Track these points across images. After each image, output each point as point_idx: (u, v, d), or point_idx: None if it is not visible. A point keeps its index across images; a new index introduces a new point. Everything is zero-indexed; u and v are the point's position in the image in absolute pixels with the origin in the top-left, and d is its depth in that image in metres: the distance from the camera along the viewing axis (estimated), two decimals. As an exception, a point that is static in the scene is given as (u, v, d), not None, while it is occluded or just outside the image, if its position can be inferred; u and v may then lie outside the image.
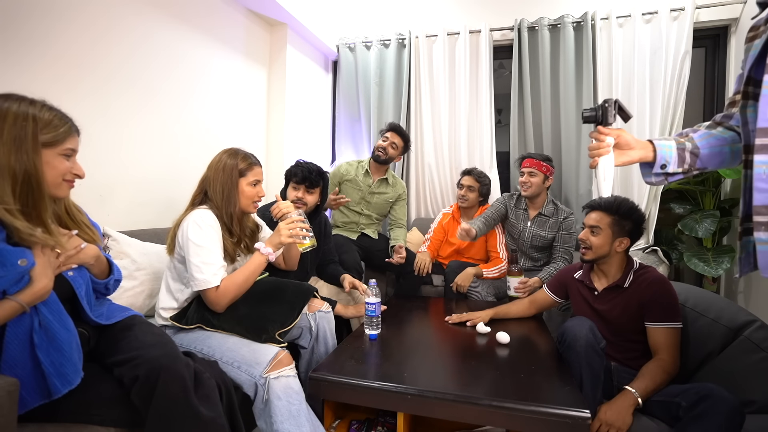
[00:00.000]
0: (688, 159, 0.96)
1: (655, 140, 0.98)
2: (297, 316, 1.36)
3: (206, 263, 1.24)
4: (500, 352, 1.36)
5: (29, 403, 0.82)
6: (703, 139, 0.97)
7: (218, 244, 1.30)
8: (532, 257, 2.31)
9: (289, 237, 1.34)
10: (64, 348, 0.85)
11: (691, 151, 0.96)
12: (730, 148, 0.94)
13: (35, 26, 1.39)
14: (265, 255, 1.33)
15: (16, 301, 0.79)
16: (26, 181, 0.84)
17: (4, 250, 0.79)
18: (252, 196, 1.38)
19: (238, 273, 1.30)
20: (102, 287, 1.08)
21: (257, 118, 2.70)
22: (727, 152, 0.95)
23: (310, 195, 1.80)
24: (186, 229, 1.26)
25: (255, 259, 1.33)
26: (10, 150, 0.82)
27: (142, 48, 1.80)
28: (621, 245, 1.44)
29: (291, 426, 1.11)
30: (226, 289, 1.26)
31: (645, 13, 2.62)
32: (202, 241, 1.25)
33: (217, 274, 1.25)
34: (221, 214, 1.34)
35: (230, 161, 1.36)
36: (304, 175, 1.76)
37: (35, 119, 0.86)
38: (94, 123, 1.59)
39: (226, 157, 1.37)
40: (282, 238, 1.34)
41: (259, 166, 1.42)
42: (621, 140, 0.97)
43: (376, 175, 2.53)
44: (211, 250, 1.26)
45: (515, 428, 1.03)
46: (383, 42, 3.14)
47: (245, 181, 1.37)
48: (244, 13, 2.50)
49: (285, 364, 1.20)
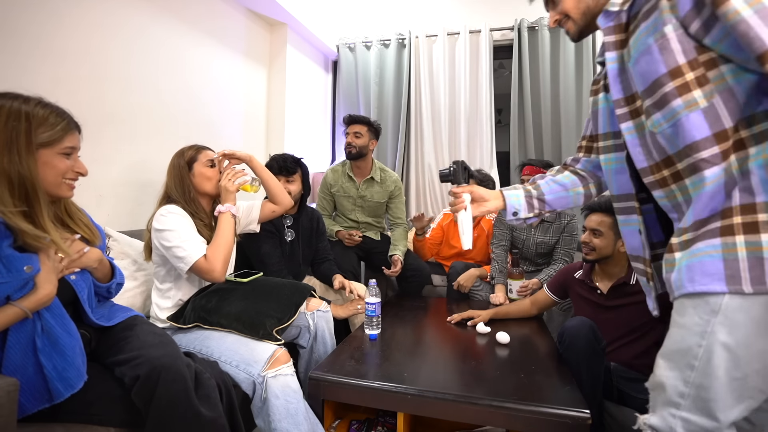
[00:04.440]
0: (536, 205, 1.09)
1: (505, 191, 1.10)
2: (294, 313, 1.37)
3: (184, 240, 1.27)
4: (500, 352, 1.36)
5: (30, 408, 0.82)
6: (548, 185, 1.09)
7: (189, 225, 1.33)
8: (536, 263, 2.31)
9: (232, 183, 1.41)
10: (66, 352, 0.85)
11: (537, 197, 1.08)
12: (573, 192, 1.08)
13: (33, 25, 1.39)
14: (226, 211, 1.38)
15: (19, 307, 0.79)
16: (21, 184, 0.81)
17: (12, 257, 0.79)
18: (210, 176, 1.43)
19: (215, 239, 1.33)
20: (104, 291, 1.08)
21: (257, 118, 2.70)
22: (571, 196, 1.08)
23: (291, 184, 1.82)
24: (155, 223, 1.30)
25: (222, 219, 1.37)
26: (3, 152, 0.79)
27: (142, 48, 1.80)
28: (624, 245, 1.44)
29: (289, 425, 1.11)
30: (214, 254, 1.29)
31: (645, 13, 2.62)
32: (171, 225, 1.28)
33: (199, 246, 1.28)
34: (185, 206, 1.38)
35: (177, 159, 1.44)
36: (279, 165, 1.80)
37: (29, 117, 0.82)
38: (93, 123, 1.59)
39: (174, 158, 1.45)
40: (228, 186, 1.41)
41: (208, 150, 1.48)
42: (475, 195, 1.09)
43: (359, 177, 2.39)
44: (184, 229, 1.30)
45: (515, 428, 1.03)
46: (383, 42, 3.14)
47: (199, 165, 1.42)
48: (244, 13, 2.50)
49: (283, 362, 1.20)
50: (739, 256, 0.64)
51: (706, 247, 0.67)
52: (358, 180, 2.40)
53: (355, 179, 2.40)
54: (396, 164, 3.09)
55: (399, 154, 3.08)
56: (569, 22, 0.94)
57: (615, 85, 0.83)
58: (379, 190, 2.41)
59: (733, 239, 0.65)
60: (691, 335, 0.68)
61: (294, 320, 1.38)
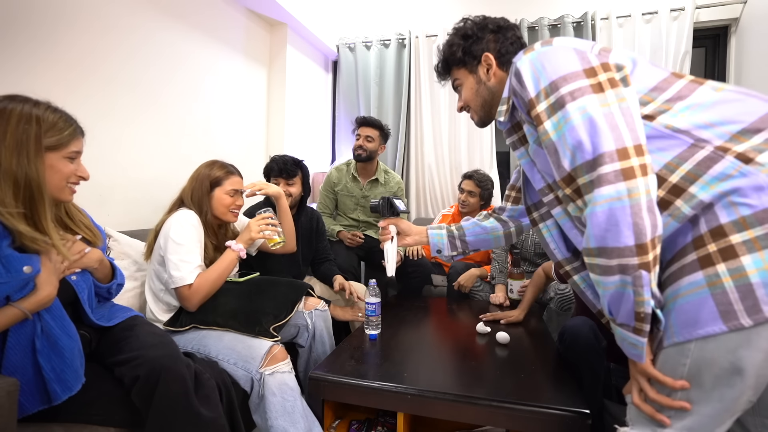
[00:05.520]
0: (459, 245, 1.19)
1: (430, 229, 1.20)
2: (292, 310, 1.37)
3: (184, 261, 1.25)
4: (500, 352, 1.36)
5: (29, 408, 0.82)
6: (471, 228, 1.20)
7: (198, 244, 1.32)
8: (535, 263, 2.31)
9: (258, 233, 1.39)
10: (65, 354, 0.85)
11: (459, 238, 1.19)
12: (493, 236, 1.19)
13: (37, 28, 1.39)
14: (236, 251, 1.36)
15: (19, 308, 0.79)
16: (27, 186, 0.82)
17: (11, 257, 0.79)
18: (228, 204, 1.41)
19: (210, 270, 1.31)
20: (104, 291, 1.08)
21: (257, 118, 2.70)
22: (491, 239, 1.19)
23: (291, 186, 1.80)
24: (168, 229, 1.28)
25: (226, 256, 1.35)
26: (12, 153, 0.80)
27: (142, 48, 1.80)
28: None
29: (285, 422, 1.12)
30: (200, 286, 1.27)
31: (645, 13, 2.62)
32: (182, 239, 1.27)
33: (193, 272, 1.27)
34: (204, 220, 1.37)
35: (205, 171, 1.41)
36: (279, 167, 1.78)
37: (39, 121, 0.83)
38: (94, 123, 1.57)
39: (203, 167, 1.42)
40: (252, 233, 1.38)
41: (238, 176, 1.45)
42: (400, 228, 1.18)
43: (364, 178, 2.42)
44: (190, 249, 1.28)
45: (515, 428, 1.03)
46: (383, 42, 3.14)
47: (221, 190, 1.39)
48: (245, 13, 2.50)
49: (280, 359, 1.21)
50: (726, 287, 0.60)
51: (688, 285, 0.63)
52: (363, 181, 2.42)
53: (360, 180, 2.41)
54: (396, 164, 3.09)
55: (399, 154, 3.08)
56: (472, 111, 1.01)
57: (533, 176, 0.86)
58: (383, 191, 2.43)
59: (715, 269, 0.61)
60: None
61: (291, 318, 1.38)
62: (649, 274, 0.62)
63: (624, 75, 0.69)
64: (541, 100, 0.72)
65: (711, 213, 0.62)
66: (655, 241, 0.62)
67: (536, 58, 0.74)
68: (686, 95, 0.69)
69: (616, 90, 0.67)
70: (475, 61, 0.95)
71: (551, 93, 0.70)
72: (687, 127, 0.66)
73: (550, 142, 0.71)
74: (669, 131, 0.67)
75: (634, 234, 0.61)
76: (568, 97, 0.67)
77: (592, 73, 0.68)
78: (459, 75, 1.00)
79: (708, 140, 0.64)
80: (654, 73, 0.73)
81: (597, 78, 0.68)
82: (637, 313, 0.65)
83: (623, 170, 0.62)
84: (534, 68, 0.74)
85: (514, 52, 0.93)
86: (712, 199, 0.62)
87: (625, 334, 0.68)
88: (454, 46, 0.98)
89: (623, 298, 0.65)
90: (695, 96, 0.69)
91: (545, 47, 0.76)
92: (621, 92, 0.67)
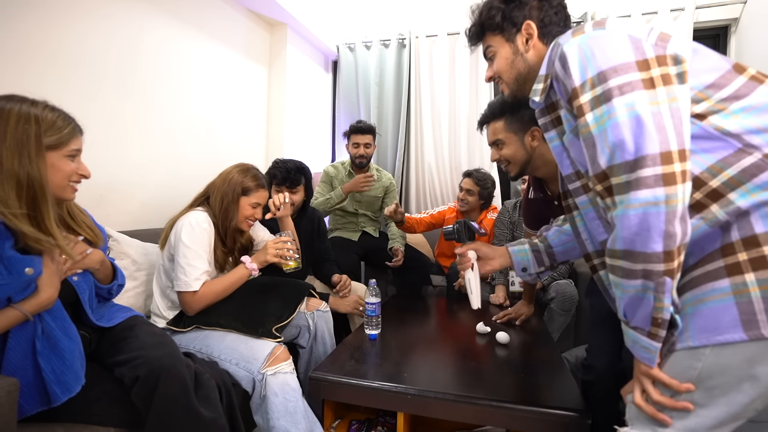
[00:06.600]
0: (546, 259, 1.07)
1: (510, 247, 1.10)
2: (294, 311, 1.38)
3: (191, 266, 1.26)
4: (500, 352, 1.36)
5: (28, 410, 0.82)
6: (555, 237, 1.07)
7: (207, 249, 1.32)
8: None
9: (275, 256, 1.38)
10: (65, 356, 0.85)
11: (545, 251, 1.07)
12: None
13: (33, 26, 1.39)
14: (249, 270, 1.36)
15: (20, 310, 0.79)
16: (30, 186, 0.81)
17: (13, 258, 0.79)
18: (249, 216, 1.41)
19: (218, 281, 1.31)
20: (105, 292, 1.08)
21: (257, 118, 2.70)
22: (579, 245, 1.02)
23: (295, 194, 1.77)
24: (180, 229, 1.28)
25: (238, 271, 1.35)
26: (14, 154, 0.79)
27: (142, 48, 1.80)
28: (534, 140, 1.37)
29: (287, 423, 1.11)
30: (204, 295, 1.27)
31: (645, 13, 2.62)
32: (192, 243, 1.27)
33: (199, 279, 1.27)
34: (217, 222, 1.36)
35: (238, 176, 1.39)
36: (283, 175, 1.74)
37: (38, 121, 0.83)
38: (94, 123, 1.58)
39: (237, 171, 1.40)
40: (268, 256, 1.37)
41: (266, 190, 1.44)
42: (481, 253, 1.10)
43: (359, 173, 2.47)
44: (199, 254, 1.28)
45: (515, 428, 1.03)
46: (383, 42, 3.14)
47: (247, 200, 1.39)
48: (245, 13, 2.50)
49: (282, 359, 1.21)
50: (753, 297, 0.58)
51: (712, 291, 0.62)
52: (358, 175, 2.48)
53: (355, 174, 2.48)
54: (396, 164, 3.09)
55: (399, 154, 3.08)
56: (503, 83, 0.92)
57: (561, 161, 0.82)
58: (377, 185, 2.50)
59: (743, 278, 0.59)
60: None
61: (293, 318, 1.38)
62: (672, 281, 0.61)
63: (682, 70, 0.63)
64: (586, 90, 0.66)
65: (746, 221, 0.60)
66: (681, 249, 0.61)
67: (586, 44, 0.68)
68: (744, 95, 0.65)
69: (669, 88, 0.62)
70: (514, 29, 0.86)
71: (598, 84, 0.65)
72: (738, 130, 0.63)
73: (588, 136, 0.66)
74: (718, 133, 0.64)
75: (664, 241, 0.59)
76: (617, 91, 0.63)
77: (645, 66, 0.63)
78: (494, 42, 0.90)
79: (758, 146, 0.61)
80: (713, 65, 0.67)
81: (650, 72, 0.62)
82: (654, 318, 0.64)
83: (664, 175, 0.59)
84: (582, 54, 0.67)
85: (557, 23, 0.86)
86: (749, 207, 0.60)
87: (638, 337, 0.67)
88: (494, 9, 0.88)
89: (642, 302, 0.64)
90: (753, 96, 0.64)
91: (597, 30, 0.69)
92: (673, 91, 0.62)
